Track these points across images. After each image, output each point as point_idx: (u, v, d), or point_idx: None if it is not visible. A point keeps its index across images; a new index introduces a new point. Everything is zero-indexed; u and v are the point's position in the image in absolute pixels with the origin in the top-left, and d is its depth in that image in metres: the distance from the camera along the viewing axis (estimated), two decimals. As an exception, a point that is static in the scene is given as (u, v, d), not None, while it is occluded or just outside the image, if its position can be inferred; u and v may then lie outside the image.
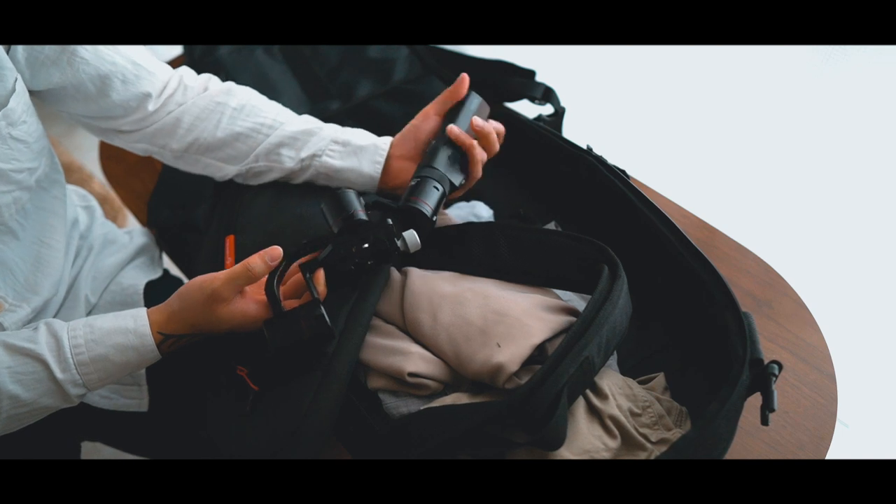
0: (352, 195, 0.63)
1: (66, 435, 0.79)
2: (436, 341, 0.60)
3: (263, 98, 0.76)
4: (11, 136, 0.59)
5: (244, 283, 0.59)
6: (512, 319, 0.58)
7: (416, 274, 0.66)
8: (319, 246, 0.62)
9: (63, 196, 0.72)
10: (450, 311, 0.61)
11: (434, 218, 0.65)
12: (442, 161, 0.68)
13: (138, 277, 0.81)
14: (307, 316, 0.57)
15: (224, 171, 0.74)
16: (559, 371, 0.51)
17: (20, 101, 0.60)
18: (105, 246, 0.82)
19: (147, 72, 0.69)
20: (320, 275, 0.61)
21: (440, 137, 0.70)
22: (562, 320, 0.60)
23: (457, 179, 0.69)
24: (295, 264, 0.62)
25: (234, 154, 0.73)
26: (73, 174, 1.36)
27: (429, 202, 0.65)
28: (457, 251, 0.68)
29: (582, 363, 0.52)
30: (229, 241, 0.72)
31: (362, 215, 0.62)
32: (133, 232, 0.88)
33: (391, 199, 0.76)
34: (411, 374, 0.59)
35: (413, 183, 0.67)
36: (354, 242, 0.61)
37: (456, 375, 0.61)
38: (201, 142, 0.72)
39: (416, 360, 0.60)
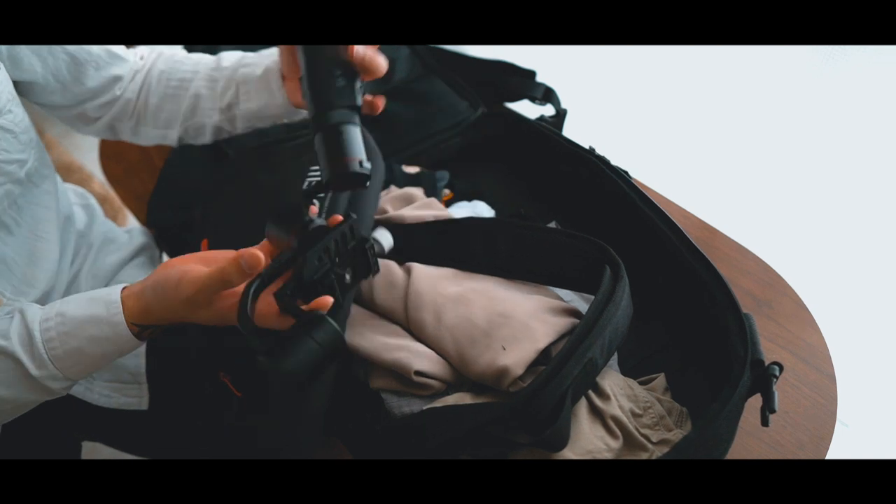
0: (292, 205, 0.54)
1: (67, 435, 0.79)
2: (439, 342, 0.60)
3: (186, 54, 0.75)
4: None
5: (220, 291, 0.53)
6: (516, 322, 0.58)
7: (419, 272, 0.65)
8: (289, 265, 0.53)
9: (54, 191, 0.72)
10: (454, 313, 0.61)
11: (369, 167, 0.53)
12: (329, 92, 0.54)
13: (138, 276, 0.81)
14: (315, 331, 0.50)
15: (169, 136, 0.75)
16: (563, 373, 0.51)
17: (4, 90, 0.59)
18: (105, 245, 0.82)
19: (120, 59, 0.71)
20: (326, 300, 0.53)
21: (307, 64, 0.57)
22: (565, 323, 0.60)
23: (358, 99, 0.56)
24: (268, 292, 0.54)
25: (168, 117, 0.74)
26: (73, 174, 1.36)
27: (355, 154, 0.52)
28: (459, 248, 0.67)
29: (585, 365, 0.52)
30: (203, 246, 0.72)
31: (316, 219, 0.53)
32: (133, 231, 0.88)
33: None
34: (418, 373, 0.59)
35: (319, 142, 0.53)
36: (319, 253, 0.52)
37: (459, 375, 0.60)
38: (143, 113, 0.74)
39: (422, 359, 0.59)
